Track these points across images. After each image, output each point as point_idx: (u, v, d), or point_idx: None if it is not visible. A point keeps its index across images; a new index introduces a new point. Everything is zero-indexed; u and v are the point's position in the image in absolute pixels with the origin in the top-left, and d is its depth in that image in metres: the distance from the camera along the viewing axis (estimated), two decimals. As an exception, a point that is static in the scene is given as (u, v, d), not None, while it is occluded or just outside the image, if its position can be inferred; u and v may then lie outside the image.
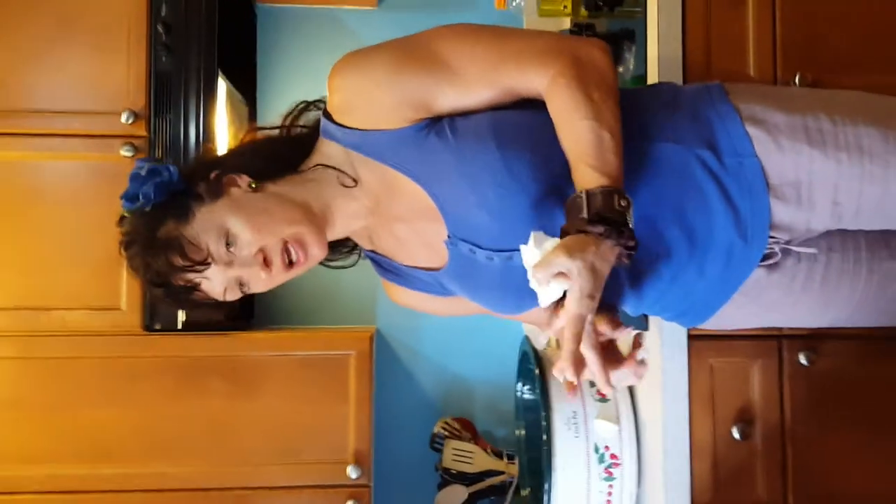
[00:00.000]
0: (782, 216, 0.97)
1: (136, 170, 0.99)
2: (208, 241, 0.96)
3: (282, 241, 0.97)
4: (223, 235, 0.96)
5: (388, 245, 1.08)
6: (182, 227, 0.97)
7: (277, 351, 1.92)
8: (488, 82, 0.95)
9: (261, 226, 0.97)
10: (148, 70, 1.85)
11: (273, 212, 0.98)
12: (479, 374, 2.34)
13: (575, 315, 0.81)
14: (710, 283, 1.01)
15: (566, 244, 0.82)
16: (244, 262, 0.97)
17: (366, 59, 0.97)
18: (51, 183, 1.86)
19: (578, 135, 0.88)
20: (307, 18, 2.39)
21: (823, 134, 0.97)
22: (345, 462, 1.88)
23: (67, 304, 1.84)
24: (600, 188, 0.84)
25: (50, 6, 1.86)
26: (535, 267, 0.82)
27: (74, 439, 1.83)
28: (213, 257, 0.96)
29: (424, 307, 1.15)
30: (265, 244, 0.97)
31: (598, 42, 0.96)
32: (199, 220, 0.97)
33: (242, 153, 1.07)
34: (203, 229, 0.97)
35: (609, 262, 0.83)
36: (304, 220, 0.99)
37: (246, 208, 0.98)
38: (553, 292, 0.83)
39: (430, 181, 0.96)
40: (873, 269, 1.04)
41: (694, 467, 1.42)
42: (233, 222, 0.97)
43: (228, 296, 0.99)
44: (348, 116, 0.98)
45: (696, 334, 1.43)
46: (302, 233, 0.98)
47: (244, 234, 0.97)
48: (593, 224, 0.82)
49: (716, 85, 1.03)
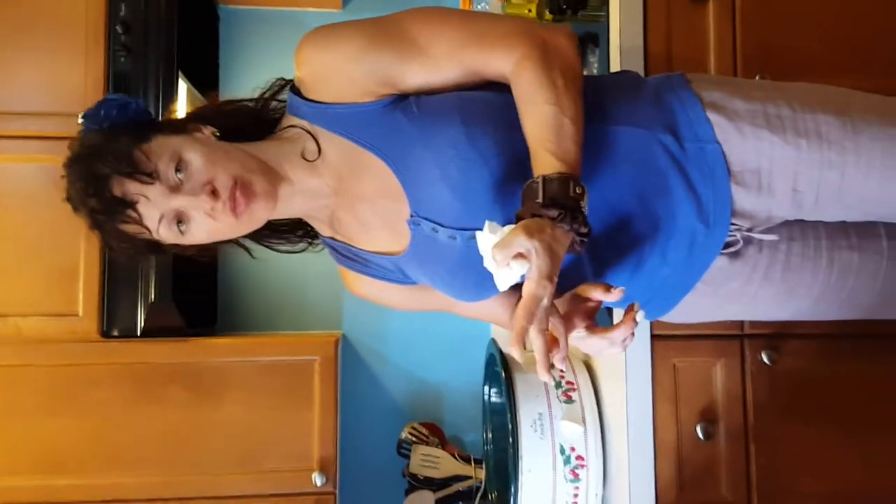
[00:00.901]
0: (744, 203, 0.98)
1: (105, 97, 0.99)
2: (159, 161, 0.93)
3: (233, 178, 0.94)
4: (175, 160, 0.93)
5: (349, 228, 1.07)
6: (136, 143, 0.93)
7: (239, 357, 1.89)
8: (455, 61, 0.95)
9: (215, 159, 0.94)
10: (106, 71, 1.83)
11: (232, 153, 0.96)
12: (446, 379, 2.34)
13: (532, 294, 0.80)
14: (674, 271, 1.01)
15: (525, 225, 0.82)
16: (191, 191, 0.93)
17: (334, 33, 0.97)
18: (6, 186, 1.82)
19: (540, 119, 0.89)
20: (271, 20, 2.38)
21: (783, 120, 0.98)
22: (310, 469, 1.86)
23: (22, 310, 1.80)
24: (557, 174, 0.85)
25: (6, 7, 1.82)
26: (494, 248, 0.81)
27: (29, 449, 1.78)
28: (159, 176, 0.92)
29: (382, 297, 1.13)
30: (216, 175, 0.93)
31: (565, 28, 0.97)
32: (155, 143, 0.94)
33: (211, 111, 1.06)
34: (157, 151, 0.93)
35: (564, 246, 0.83)
36: (259, 170, 0.96)
37: (204, 145, 0.96)
38: (512, 274, 0.83)
39: (394, 156, 0.96)
40: (833, 259, 1.05)
41: (658, 467, 1.42)
42: (188, 150, 0.94)
43: (163, 230, 0.95)
44: (314, 90, 0.98)
45: (659, 334, 1.43)
46: (254, 178, 0.95)
47: (196, 161, 0.93)
48: (547, 208, 0.83)
49: (677, 74, 1.04)
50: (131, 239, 0.97)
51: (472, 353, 2.25)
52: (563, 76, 0.91)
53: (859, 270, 1.06)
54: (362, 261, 1.09)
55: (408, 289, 1.10)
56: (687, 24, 1.56)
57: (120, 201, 0.93)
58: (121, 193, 0.93)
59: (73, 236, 1.79)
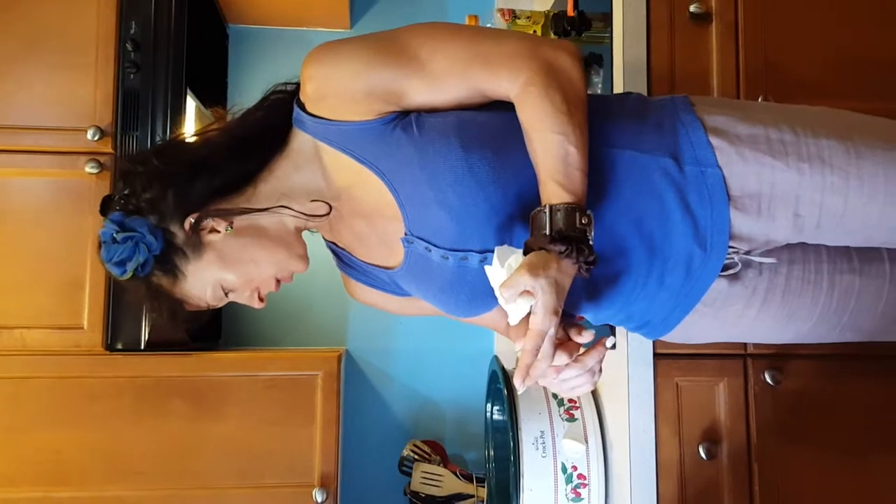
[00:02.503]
0: (742, 227, 0.98)
1: (107, 232, 0.98)
2: (204, 294, 1.03)
3: (273, 278, 1.05)
4: (218, 288, 1.03)
5: (346, 240, 1.10)
6: (175, 285, 1.02)
7: (242, 371, 1.89)
8: (458, 80, 0.96)
9: (252, 275, 1.03)
10: (115, 87, 1.84)
11: (258, 259, 1.03)
12: (449, 397, 2.33)
13: (537, 330, 0.84)
14: (672, 294, 1.01)
15: (529, 262, 0.84)
16: (238, 296, 1.06)
17: (340, 49, 0.97)
18: (14, 199, 1.83)
19: (547, 149, 0.90)
20: (279, 39, 2.40)
21: (785, 145, 0.98)
22: (311, 485, 1.85)
23: (27, 322, 1.81)
24: (564, 205, 0.87)
25: (18, 22, 1.85)
26: (501, 287, 0.85)
27: (31, 461, 1.78)
28: (210, 302, 1.04)
29: (381, 304, 1.16)
30: (257, 286, 1.05)
31: (568, 46, 0.97)
32: (190, 278, 1.01)
33: (211, 163, 1.03)
34: (196, 286, 1.02)
35: (570, 277, 0.87)
36: (287, 255, 1.05)
37: (232, 261, 1.02)
38: (520, 309, 0.86)
39: (392, 175, 0.97)
40: (834, 283, 1.05)
41: (660, 487, 1.41)
42: (224, 276, 1.02)
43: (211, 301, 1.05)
44: (319, 106, 0.99)
45: (662, 353, 1.43)
46: (287, 269, 1.06)
47: (237, 284, 1.03)
48: (555, 243, 0.85)
49: (681, 97, 1.05)
50: None
51: (475, 370, 2.25)
52: (567, 100, 0.91)
53: (861, 294, 1.05)
54: (361, 270, 1.11)
55: (405, 298, 1.12)
56: (690, 44, 1.57)
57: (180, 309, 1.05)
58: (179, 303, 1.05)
59: (79, 250, 1.81)
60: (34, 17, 1.85)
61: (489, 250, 0.95)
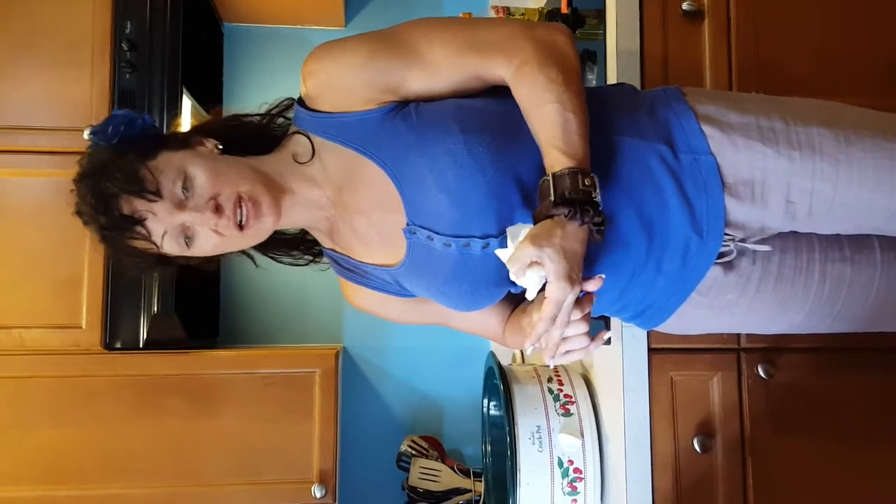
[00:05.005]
0: (737, 213, 1.00)
1: (113, 113, 1.01)
2: (165, 179, 0.96)
3: (236, 193, 0.97)
4: (180, 176, 0.96)
5: (347, 241, 1.09)
6: (142, 161, 0.96)
7: (240, 369, 1.90)
8: (455, 66, 0.98)
9: (219, 174, 0.97)
10: (111, 86, 1.85)
11: (235, 168, 0.99)
12: (446, 393, 2.34)
13: (553, 300, 0.85)
14: (669, 280, 1.03)
15: (533, 234, 0.86)
16: (195, 207, 0.96)
17: (339, 45, 1.00)
18: (11, 200, 1.84)
19: (545, 119, 0.91)
20: (274, 38, 2.41)
21: (776, 133, 1.00)
22: (309, 481, 1.86)
23: (25, 321, 1.82)
24: (566, 170, 0.88)
25: (14, 22, 1.85)
26: (507, 263, 0.86)
27: (30, 460, 1.79)
28: (164, 193, 0.95)
29: (381, 310, 1.15)
30: (220, 191, 0.97)
31: (560, 27, 0.99)
32: (160, 159, 0.98)
33: (216, 124, 1.10)
34: (162, 168, 0.96)
35: (580, 241, 0.87)
36: (262, 183, 0.99)
37: (208, 160, 0.99)
38: (531, 281, 0.87)
39: (392, 163, 0.98)
40: (826, 272, 1.06)
41: (655, 480, 1.43)
42: (192, 166, 0.97)
43: (168, 244, 0.98)
44: (319, 101, 1.01)
45: (656, 347, 1.44)
46: (258, 192, 0.98)
47: (200, 178, 0.97)
48: (557, 207, 0.86)
49: (673, 88, 1.07)
50: (140, 253, 1.00)
51: (472, 366, 2.26)
52: (562, 72, 0.93)
53: (852, 283, 1.07)
54: (362, 272, 1.10)
55: (406, 301, 1.12)
56: (683, 40, 1.58)
57: (128, 219, 0.95)
58: (129, 211, 0.95)
59: (76, 249, 1.81)
60: (29, 17, 1.85)
61: (490, 235, 0.96)
